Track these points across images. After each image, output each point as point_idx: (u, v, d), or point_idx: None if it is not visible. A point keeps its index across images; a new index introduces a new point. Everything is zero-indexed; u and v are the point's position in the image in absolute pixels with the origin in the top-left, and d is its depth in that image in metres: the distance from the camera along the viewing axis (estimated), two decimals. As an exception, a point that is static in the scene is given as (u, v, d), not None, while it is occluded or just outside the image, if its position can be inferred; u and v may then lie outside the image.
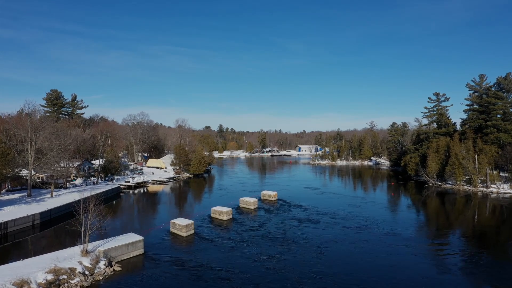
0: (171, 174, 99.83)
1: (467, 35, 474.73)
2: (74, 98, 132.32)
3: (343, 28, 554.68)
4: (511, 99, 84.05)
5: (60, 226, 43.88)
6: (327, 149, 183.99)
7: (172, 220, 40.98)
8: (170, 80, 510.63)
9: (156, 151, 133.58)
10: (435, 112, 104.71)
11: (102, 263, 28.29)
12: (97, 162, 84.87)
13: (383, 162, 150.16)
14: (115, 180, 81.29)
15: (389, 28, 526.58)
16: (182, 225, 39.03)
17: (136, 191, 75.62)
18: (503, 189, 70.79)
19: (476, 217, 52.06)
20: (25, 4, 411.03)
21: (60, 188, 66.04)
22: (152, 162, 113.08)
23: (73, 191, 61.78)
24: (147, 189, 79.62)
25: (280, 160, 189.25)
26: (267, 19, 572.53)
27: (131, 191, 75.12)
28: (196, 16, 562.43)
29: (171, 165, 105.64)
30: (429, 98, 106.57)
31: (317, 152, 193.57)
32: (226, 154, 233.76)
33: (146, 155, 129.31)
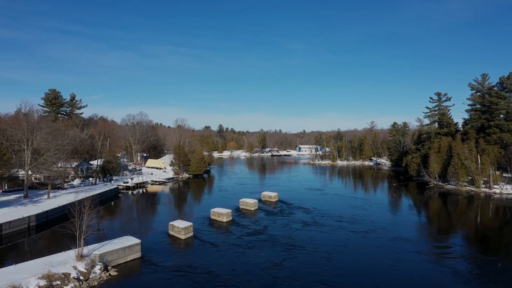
0: (171, 175, 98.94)
1: (468, 35, 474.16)
2: (73, 98, 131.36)
3: (343, 28, 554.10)
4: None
5: (56, 229, 42.96)
6: (327, 149, 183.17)
7: (170, 222, 40.08)
8: (171, 80, 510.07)
9: (156, 151, 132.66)
10: (436, 112, 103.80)
11: (97, 268, 27.40)
12: (95, 163, 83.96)
13: (384, 162, 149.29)
14: (114, 181, 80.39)
15: (389, 28, 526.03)
16: (180, 227, 38.15)
17: (135, 192, 74.72)
18: (506, 189, 69.93)
19: (479, 218, 51.17)
20: (25, 4, 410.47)
21: (58, 189, 65.13)
22: (151, 162, 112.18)
23: (70, 192, 60.83)
24: (146, 189, 78.72)
25: (280, 160, 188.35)
26: (267, 19, 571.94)
27: (129, 192, 74.22)
28: (196, 16, 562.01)
29: (171, 165, 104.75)
30: (430, 98, 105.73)
31: (317, 152, 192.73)
32: (226, 154, 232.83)
33: (145, 155, 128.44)
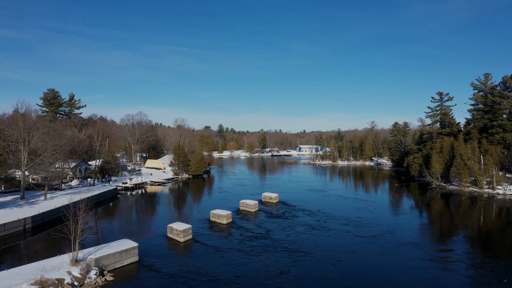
0: (170, 175, 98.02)
1: (469, 35, 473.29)
2: (72, 98, 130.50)
3: (344, 28, 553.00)
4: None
5: (52, 231, 42.00)
6: (328, 149, 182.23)
7: (169, 225, 39.15)
8: (171, 80, 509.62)
9: (155, 151, 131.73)
10: (438, 112, 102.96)
11: (93, 273, 26.50)
12: (94, 163, 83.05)
13: (385, 162, 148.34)
14: (113, 181, 79.48)
15: (390, 28, 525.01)
16: (179, 230, 37.24)
17: (134, 193, 73.80)
18: (510, 190, 69.02)
19: (485, 220, 50.29)
20: (27, 4, 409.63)
21: (55, 189, 64.24)
22: (150, 162, 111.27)
23: (68, 193, 59.91)
24: (145, 190, 77.80)
25: (281, 161, 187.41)
26: (268, 19, 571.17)
27: (128, 193, 73.29)
28: (197, 16, 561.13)
29: (170, 165, 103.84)
30: (432, 98, 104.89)
31: (317, 152, 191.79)
32: (226, 154, 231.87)
33: (144, 155, 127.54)
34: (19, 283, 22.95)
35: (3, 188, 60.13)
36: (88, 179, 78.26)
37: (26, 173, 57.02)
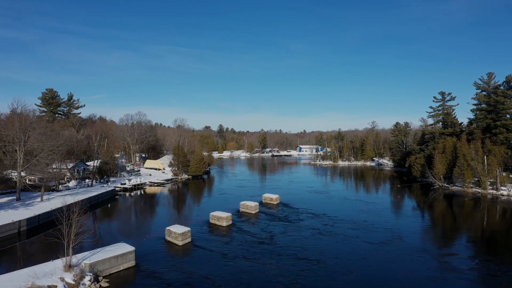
0: (169, 176, 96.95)
1: (470, 35, 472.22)
2: (70, 98, 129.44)
3: (344, 28, 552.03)
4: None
5: (48, 234, 40.93)
6: (328, 149, 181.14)
7: (167, 228, 38.05)
8: (171, 80, 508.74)
9: (155, 151, 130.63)
10: (440, 112, 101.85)
11: (87, 279, 25.42)
12: (92, 164, 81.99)
13: (386, 162, 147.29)
14: (111, 182, 78.40)
15: (390, 28, 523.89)
16: (178, 233, 36.15)
17: (133, 194, 72.72)
18: (514, 191, 67.99)
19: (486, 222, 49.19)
20: (27, 4, 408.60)
21: (52, 191, 63.18)
22: (150, 163, 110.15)
23: (65, 194, 58.78)
24: (144, 191, 76.73)
25: (281, 161, 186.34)
26: (268, 19, 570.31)
27: (127, 194, 72.18)
28: (197, 16, 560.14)
29: (170, 166, 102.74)
30: (434, 98, 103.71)
31: (318, 153, 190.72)
32: (226, 154, 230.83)
33: (144, 155, 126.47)
34: (9, 291, 21.89)
35: (-1, 189, 59.07)
36: (86, 180, 77.22)
37: (22, 174, 55.93)
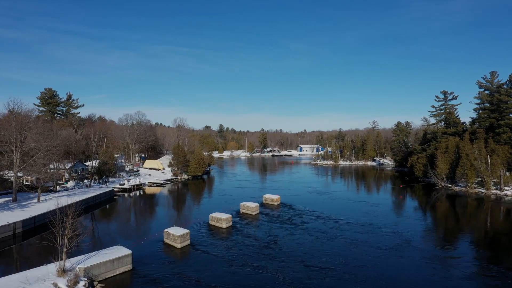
0: (169, 176, 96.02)
1: (471, 35, 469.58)
2: (69, 97, 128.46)
3: (345, 27, 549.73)
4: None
5: (43, 236, 40.01)
6: (329, 149, 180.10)
7: (165, 230, 37.11)
8: (172, 80, 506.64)
9: (154, 151, 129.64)
10: (443, 111, 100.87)
11: (81, 284, 24.51)
12: (90, 164, 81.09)
13: (387, 162, 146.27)
14: (110, 183, 77.48)
15: (391, 28, 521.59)
16: (176, 235, 35.23)
17: (132, 194, 71.79)
18: (518, 191, 67.03)
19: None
20: (28, 4, 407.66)
21: (50, 191, 62.29)
22: (149, 163, 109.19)
23: (63, 195, 57.91)
24: (143, 192, 75.82)
25: (281, 161, 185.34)
26: (268, 19, 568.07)
27: (126, 194, 71.24)
28: (198, 16, 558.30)
29: (169, 166, 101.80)
30: (436, 97, 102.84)
31: (319, 152, 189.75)
32: (226, 154, 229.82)
33: (143, 155, 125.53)
34: (-1, 297, 21.00)
35: (-5, 190, 58.18)
36: (85, 180, 76.30)
37: (19, 174, 55.05)
